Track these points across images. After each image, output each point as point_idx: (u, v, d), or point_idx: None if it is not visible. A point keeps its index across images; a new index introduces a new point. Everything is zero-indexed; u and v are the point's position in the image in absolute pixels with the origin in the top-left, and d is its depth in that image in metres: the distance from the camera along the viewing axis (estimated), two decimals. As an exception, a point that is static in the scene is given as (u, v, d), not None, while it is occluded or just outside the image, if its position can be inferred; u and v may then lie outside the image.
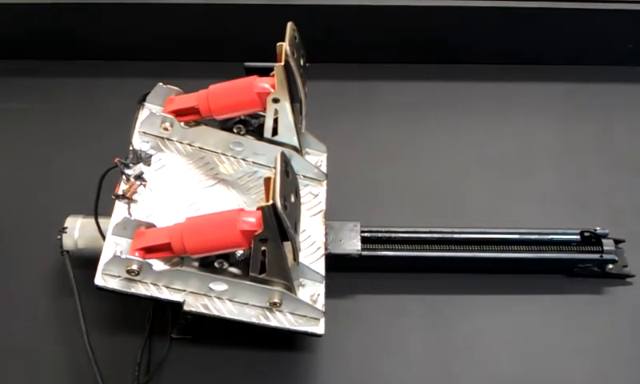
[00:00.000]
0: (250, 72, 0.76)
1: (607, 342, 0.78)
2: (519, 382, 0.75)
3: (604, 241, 0.80)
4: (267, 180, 0.63)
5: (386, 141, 0.96)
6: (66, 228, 0.77)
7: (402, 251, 0.79)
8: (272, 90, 0.73)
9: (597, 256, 0.80)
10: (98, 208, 0.74)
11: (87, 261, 0.76)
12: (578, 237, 0.81)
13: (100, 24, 1.03)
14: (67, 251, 0.76)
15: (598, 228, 0.81)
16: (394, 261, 0.79)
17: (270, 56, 0.75)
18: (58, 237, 0.76)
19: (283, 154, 0.66)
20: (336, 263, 0.75)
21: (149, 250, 0.68)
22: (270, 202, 0.61)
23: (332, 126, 0.92)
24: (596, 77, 1.04)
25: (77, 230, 0.76)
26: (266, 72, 0.75)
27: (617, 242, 0.81)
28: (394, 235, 0.80)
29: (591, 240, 0.81)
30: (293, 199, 0.66)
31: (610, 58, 1.05)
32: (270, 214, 0.62)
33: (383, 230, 0.80)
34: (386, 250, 0.79)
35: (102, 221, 0.75)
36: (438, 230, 0.80)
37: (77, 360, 0.74)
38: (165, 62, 1.06)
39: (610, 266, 0.81)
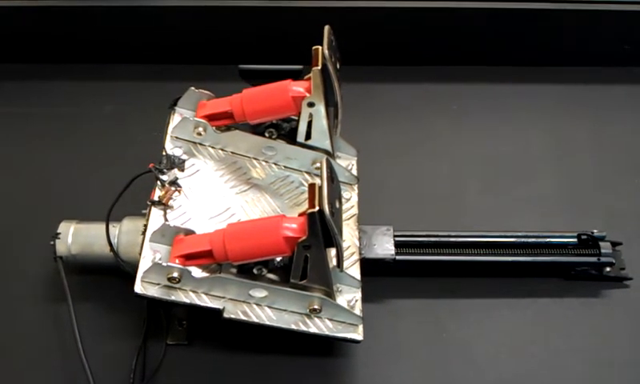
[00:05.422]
0: (244, 74, 0.76)
1: (605, 345, 0.78)
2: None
3: (601, 243, 0.80)
4: (312, 186, 0.63)
5: (382, 143, 0.96)
6: (59, 233, 0.74)
7: (424, 255, 0.79)
8: (307, 94, 0.72)
9: (594, 259, 0.80)
10: (89, 213, 0.73)
11: (81, 266, 0.76)
12: (576, 240, 0.81)
13: (93, 26, 1.00)
14: (60, 257, 0.74)
15: (595, 231, 0.81)
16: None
17: (264, 58, 0.75)
18: (52, 242, 0.74)
19: (328, 160, 0.65)
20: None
21: (189, 257, 0.67)
22: (317, 208, 0.61)
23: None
24: (593, 78, 1.05)
25: (70, 236, 0.75)
26: (261, 74, 0.75)
27: (614, 244, 0.81)
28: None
29: (588, 243, 0.81)
30: (337, 205, 0.66)
31: (606, 59, 1.05)
32: (317, 221, 0.61)
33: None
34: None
35: (95, 226, 0.74)
36: (435, 233, 0.81)
37: (70, 367, 0.73)
38: (160, 65, 1.03)
39: (608, 268, 0.81)
